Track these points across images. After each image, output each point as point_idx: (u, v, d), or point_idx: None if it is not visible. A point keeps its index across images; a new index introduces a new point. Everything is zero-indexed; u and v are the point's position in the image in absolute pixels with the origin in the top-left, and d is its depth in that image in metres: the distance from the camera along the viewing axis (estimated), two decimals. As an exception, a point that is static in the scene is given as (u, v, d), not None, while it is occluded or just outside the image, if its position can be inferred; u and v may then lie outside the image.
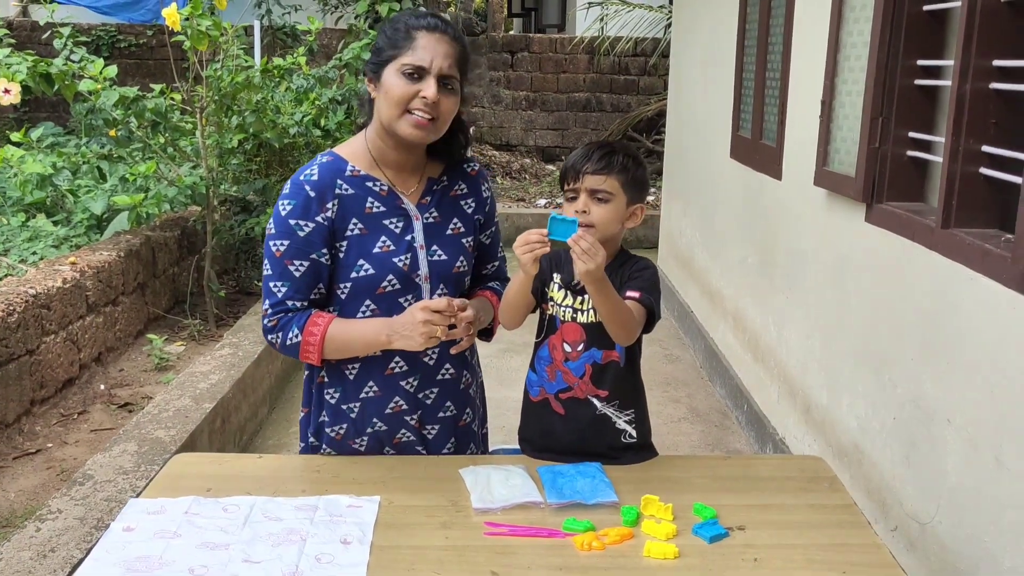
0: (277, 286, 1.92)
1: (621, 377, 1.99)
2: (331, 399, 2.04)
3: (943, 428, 2.40)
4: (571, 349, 1.98)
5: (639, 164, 1.97)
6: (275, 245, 1.92)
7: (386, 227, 1.97)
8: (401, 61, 1.86)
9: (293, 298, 1.92)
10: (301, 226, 1.91)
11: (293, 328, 1.91)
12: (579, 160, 1.94)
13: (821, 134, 3.25)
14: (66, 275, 4.13)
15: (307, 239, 1.91)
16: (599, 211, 1.92)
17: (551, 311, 2.02)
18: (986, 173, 2.33)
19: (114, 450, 3.22)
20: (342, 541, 1.67)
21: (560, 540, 1.69)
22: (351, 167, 1.97)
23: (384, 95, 1.89)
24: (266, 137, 5.28)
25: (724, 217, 4.92)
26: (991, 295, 2.18)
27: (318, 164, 1.96)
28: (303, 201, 1.91)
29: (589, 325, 1.96)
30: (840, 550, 1.65)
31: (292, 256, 1.91)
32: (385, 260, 1.95)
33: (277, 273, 1.93)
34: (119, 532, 1.71)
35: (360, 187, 1.96)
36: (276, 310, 1.93)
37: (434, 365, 2.05)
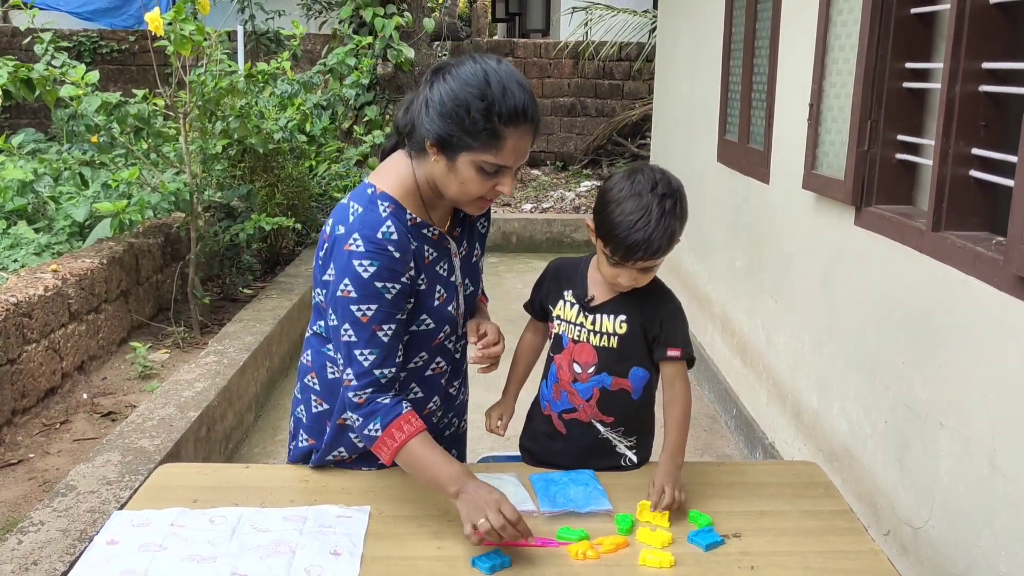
0: (364, 355, 1.73)
1: (631, 408, 1.95)
2: (358, 442, 1.92)
3: (936, 431, 2.39)
4: (581, 371, 1.94)
5: (684, 213, 1.82)
6: (359, 310, 1.72)
7: (439, 275, 1.85)
8: (483, 158, 1.67)
9: (382, 367, 1.74)
10: (389, 289, 1.73)
11: (377, 421, 1.73)
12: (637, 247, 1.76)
13: (809, 137, 3.24)
14: (48, 283, 4.08)
15: (395, 302, 1.74)
16: (645, 278, 1.86)
17: (557, 329, 1.98)
18: (976, 176, 2.33)
19: (97, 460, 3.17)
20: (332, 552, 1.64)
21: (554, 549, 1.66)
22: (409, 215, 1.79)
23: (457, 182, 1.72)
24: (250, 143, 5.24)
25: (711, 221, 4.92)
26: (983, 298, 2.17)
27: (388, 215, 1.74)
28: (388, 262, 1.72)
29: (603, 349, 1.92)
30: (837, 557, 1.64)
31: (381, 321, 1.73)
32: (443, 312, 1.87)
33: (364, 340, 1.73)
34: (103, 545, 1.67)
35: (419, 237, 1.80)
36: (364, 382, 1.74)
37: (455, 394, 2.04)
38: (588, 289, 1.94)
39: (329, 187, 6.85)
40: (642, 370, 1.93)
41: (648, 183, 1.80)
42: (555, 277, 2.01)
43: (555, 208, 9.40)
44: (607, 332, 1.91)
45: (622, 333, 1.91)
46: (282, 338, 4.98)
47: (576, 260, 2.02)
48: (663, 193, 1.79)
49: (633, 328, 1.91)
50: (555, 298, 1.99)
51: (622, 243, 1.78)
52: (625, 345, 1.91)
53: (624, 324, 1.90)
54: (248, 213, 5.57)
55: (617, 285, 1.87)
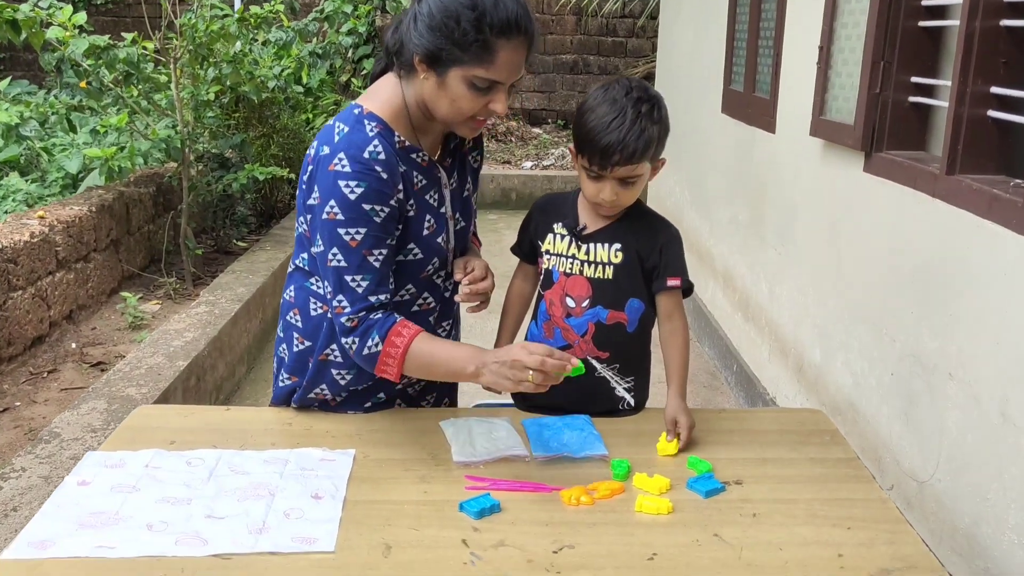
0: (356, 280, 1.65)
1: (627, 342, 1.86)
2: (340, 379, 1.85)
3: (944, 383, 2.31)
4: (575, 304, 1.85)
5: (663, 120, 1.75)
6: (347, 234, 1.64)
7: (428, 203, 1.76)
8: (473, 72, 1.59)
9: (376, 292, 1.66)
10: (377, 211, 1.64)
11: (374, 335, 1.64)
12: (611, 148, 1.70)
13: (818, 82, 3.12)
14: (34, 229, 3.98)
15: (384, 225, 1.66)
16: (627, 194, 1.77)
17: (547, 264, 1.89)
18: (994, 116, 2.22)
19: (82, 408, 3.10)
20: (313, 496, 1.57)
21: (546, 495, 1.59)
22: (397, 137, 1.71)
23: (448, 99, 1.64)
24: (244, 90, 5.11)
25: (715, 174, 4.81)
26: (999, 242, 2.07)
27: (372, 134, 1.66)
28: (376, 183, 1.64)
29: (597, 281, 1.83)
30: (843, 505, 1.56)
31: (371, 246, 1.65)
32: (432, 243, 1.77)
33: (355, 265, 1.65)
34: (73, 486, 1.59)
35: (408, 161, 1.72)
36: (358, 308, 1.65)
37: (446, 335, 1.95)
38: (579, 218, 1.85)
39: (326, 140, 6.71)
40: (638, 301, 1.84)
41: (623, 89, 1.74)
42: (543, 211, 1.91)
43: (556, 166, 9.28)
44: (601, 262, 1.82)
45: (617, 262, 1.82)
46: (276, 289, 4.88)
47: (564, 194, 1.93)
48: (638, 97, 1.73)
49: (629, 257, 1.82)
50: (544, 232, 1.89)
51: (597, 147, 1.72)
52: (620, 276, 1.82)
53: (619, 253, 1.82)
54: (242, 163, 5.46)
55: (599, 206, 1.79)
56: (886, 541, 1.45)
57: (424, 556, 1.40)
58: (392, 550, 1.42)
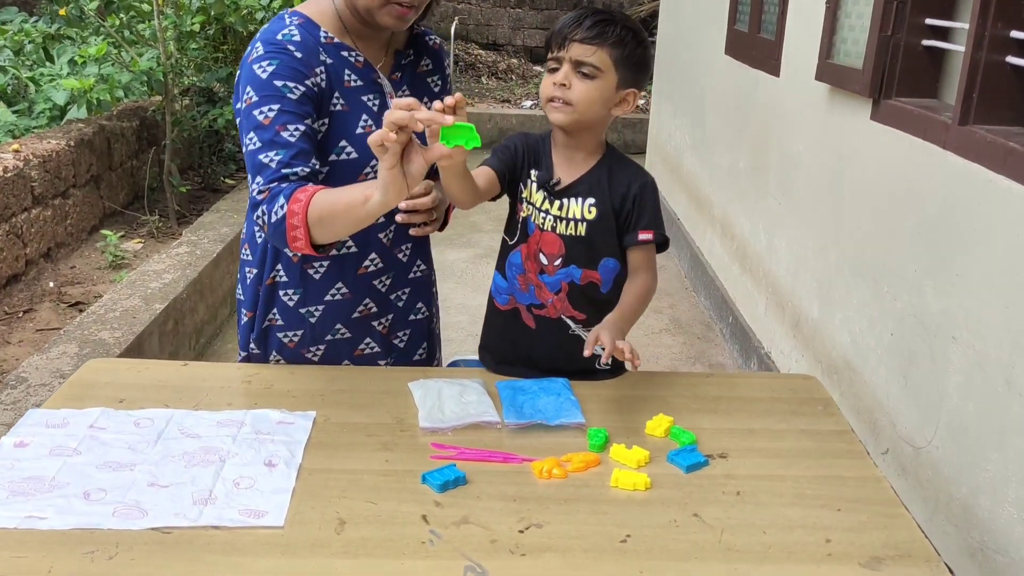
0: (269, 156, 1.54)
1: (602, 302, 1.73)
2: (288, 301, 1.77)
3: (947, 345, 2.19)
4: (547, 262, 1.72)
5: (640, 42, 1.65)
6: (261, 113, 1.55)
7: (365, 104, 1.69)
8: None
9: (290, 164, 1.54)
10: (291, 88, 1.57)
11: (279, 198, 1.52)
12: (568, 24, 1.63)
13: (827, 22, 2.95)
14: (8, 163, 3.83)
15: (299, 102, 1.58)
16: (581, 88, 1.62)
17: (525, 213, 1.75)
18: (1013, 62, 2.07)
19: (52, 352, 3.00)
20: (266, 463, 1.46)
21: (516, 466, 1.48)
22: (324, 32, 1.65)
23: None
24: (229, 21, 4.91)
25: (716, 119, 4.64)
26: (1012, 198, 1.94)
27: (294, 24, 1.63)
28: (289, 61, 1.58)
29: (570, 238, 1.70)
30: (834, 483, 1.45)
31: (285, 122, 1.56)
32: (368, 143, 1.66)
33: (267, 141, 1.55)
34: (9, 448, 1.48)
35: (337, 57, 1.66)
36: (270, 178, 1.54)
37: (407, 262, 1.84)
38: (554, 171, 1.71)
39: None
40: (613, 260, 1.72)
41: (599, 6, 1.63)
42: (522, 148, 1.76)
43: (556, 105, 9.05)
44: (574, 218, 1.69)
45: (591, 219, 1.68)
46: (261, 230, 4.75)
47: (539, 136, 1.77)
48: (618, 12, 1.70)
49: (603, 211, 1.68)
50: (524, 176, 1.75)
51: (555, 27, 1.66)
52: (594, 233, 1.69)
53: (593, 208, 1.68)
54: (228, 98, 5.27)
55: (551, 103, 1.64)
56: (878, 525, 1.34)
57: (379, 533, 1.30)
58: (346, 526, 1.31)
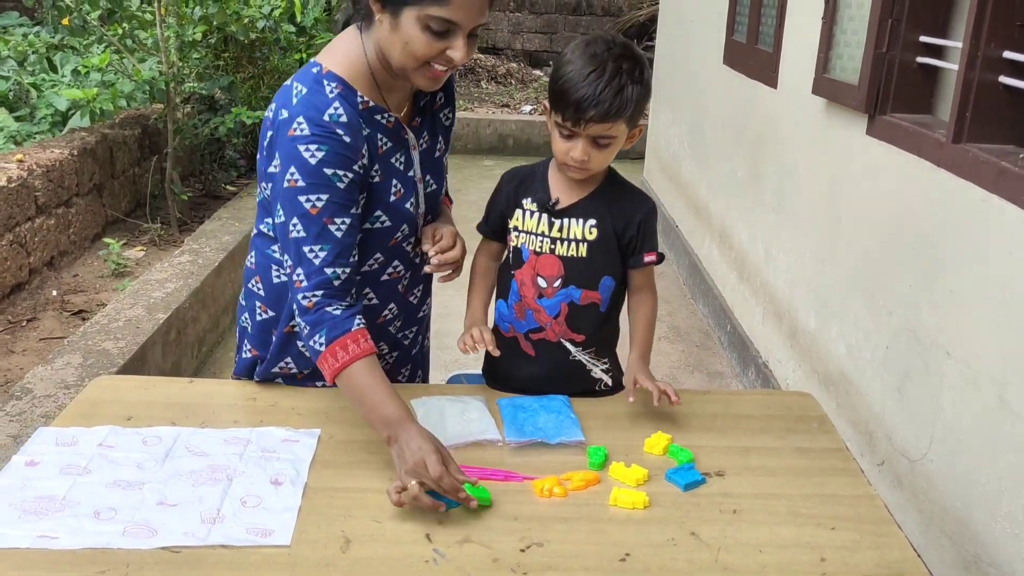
0: (314, 251, 1.54)
1: (601, 322, 1.77)
2: (305, 351, 1.74)
3: (941, 360, 2.22)
4: (546, 285, 1.75)
5: (645, 82, 1.64)
6: (308, 201, 1.53)
7: (395, 167, 1.67)
8: (428, 11, 1.47)
9: (334, 265, 1.55)
10: (340, 176, 1.54)
11: (323, 333, 1.53)
12: (584, 101, 1.58)
13: (823, 37, 2.99)
14: (12, 173, 3.86)
15: (347, 192, 1.56)
16: (600, 156, 1.65)
17: (515, 242, 1.78)
18: (1006, 82, 2.10)
19: (57, 362, 3.03)
20: (272, 482, 1.49)
21: (517, 484, 1.51)
22: (360, 98, 1.60)
23: (400, 42, 1.52)
24: (231, 30, 4.94)
25: (714, 128, 4.67)
26: (1005, 218, 1.97)
27: (336, 96, 1.56)
28: (338, 147, 1.54)
29: (569, 259, 1.73)
30: (828, 502, 1.48)
31: (333, 213, 1.54)
32: (400, 209, 1.68)
33: (313, 235, 1.54)
34: (20, 467, 1.52)
35: (372, 123, 1.62)
36: (314, 283, 1.54)
37: (416, 304, 1.86)
38: (551, 192, 1.74)
39: (319, 81, 6.54)
40: (611, 279, 1.75)
41: (604, 46, 1.63)
42: (511, 186, 1.79)
43: (555, 110, 9.08)
44: (575, 239, 1.72)
45: (592, 239, 1.71)
46: (263, 238, 4.78)
47: (531, 166, 1.81)
48: (620, 54, 1.62)
49: (604, 233, 1.71)
50: (512, 208, 1.78)
51: (570, 99, 1.59)
52: (594, 253, 1.72)
53: (594, 229, 1.71)
54: (230, 106, 5.31)
55: (568, 167, 1.67)
56: (872, 544, 1.37)
57: (384, 552, 1.33)
58: (351, 544, 1.35)
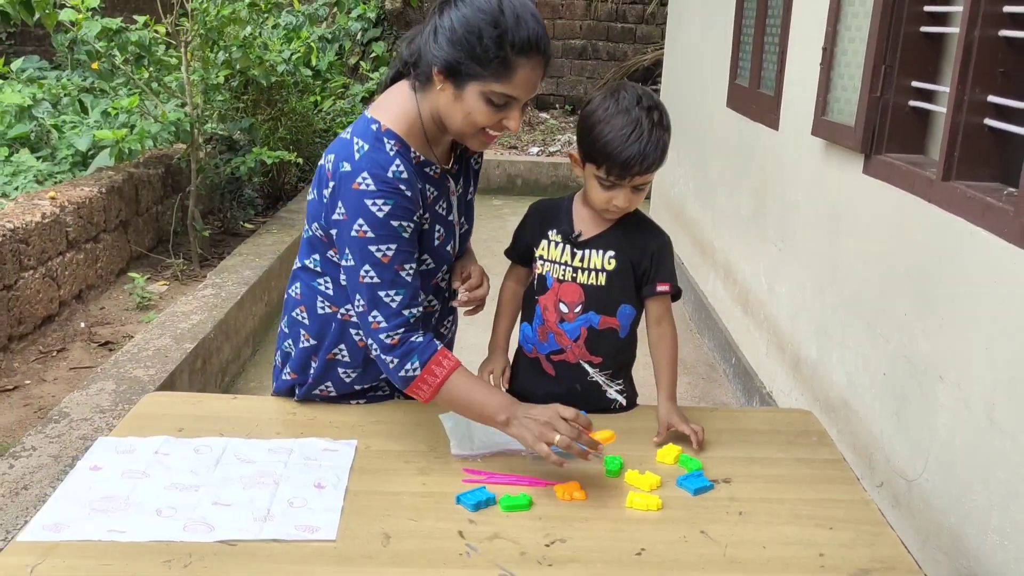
0: (390, 295, 1.69)
1: (619, 347, 1.92)
2: (346, 377, 1.92)
3: (935, 385, 2.36)
4: (568, 310, 1.90)
5: (669, 126, 1.81)
6: (379, 251, 1.68)
7: (438, 214, 1.82)
8: (491, 87, 1.62)
9: (410, 306, 1.71)
10: (405, 227, 1.70)
11: (414, 359, 1.69)
12: (632, 160, 1.74)
13: (821, 82, 3.16)
14: (45, 210, 4.04)
15: (411, 240, 1.72)
16: (637, 199, 1.83)
17: (540, 270, 1.94)
18: (991, 124, 2.26)
19: (91, 388, 3.17)
20: (316, 485, 1.63)
21: (541, 489, 1.64)
22: (414, 153, 1.75)
23: (463, 112, 1.67)
24: (253, 74, 5.15)
25: (718, 167, 4.84)
26: (991, 250, 2.12)
27: (396, 154, 1.70)
28: (401, 200, 1.68)
29: (590, 287, 1.88)
30: (827, 505, 1.61)
31: (403, 261, 1.70)
32: (443, 252, 1.85)
33: (388, 281, 1.69)
34: (85, 471, 1.65)
35: (422, 175, 1.77)
36: (396, 323, 1.69)
37: (446, 333, 2.02)
38: (575, 225, 1.90)
39: (334, 123, 6.76)
40: (629, 307, 1.90)
41: (633, 99, 1.77)
42: (538, 217, 1.96)
43: (562, 152, 9.30)
44: (595, 269, 1.87)
45: (611, 269, 1.87)
46: (282, 273, 4.94)
47: (558, 200, 1.98)
48: (649, 106, 1.77)
49: (622, 264, 1.87)
50: (538, 238, 1.94)
51: (617, 159, 1.75)
52: (613, 282, 1.87)
53: (613, 260, 1.87)
54: (250, 146, 5.50)
55: (609, 211, 1.83)
56: (866, 543, 1.50)
57: (422, 546, 1.46)
58: (391, 540, 1.48)
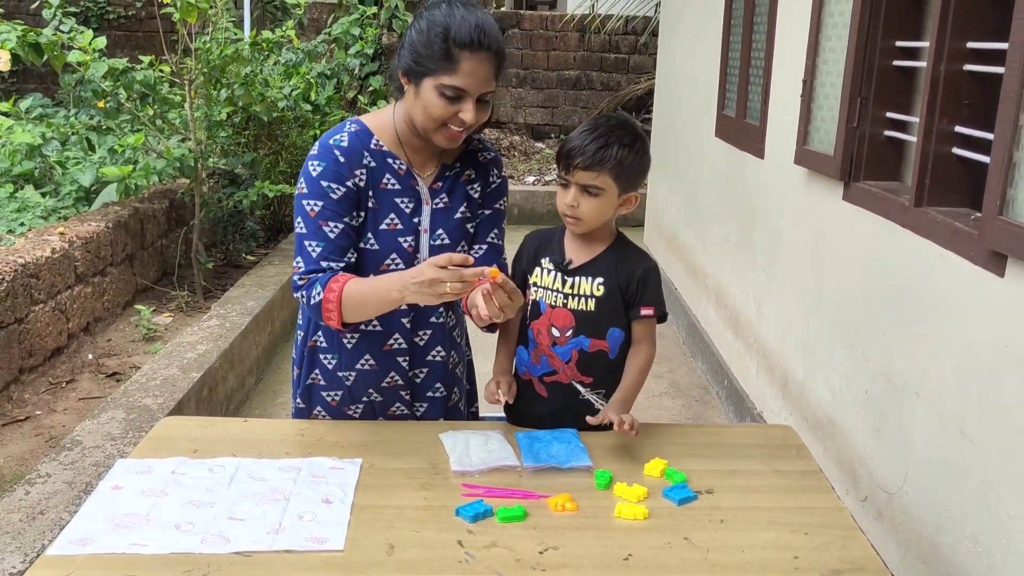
0: (312, 245, 1.92)
1: (609, 368, 2.02)
2: (328, 363, 2.08)
3: (911, 401, 2.47)
4: (559, 335, 2.01)
5: (637, 152, 1.92)
6: (308, 205, 1.93)
7: (396, 205, 1.99)
8: (442, 81, 1.83)
9: (328, 258, 1.92)
10: (333, 188, 1.92)
11: (316, 286, 1.89)
12: (574, 150, 1.91)
13: (802, 113, 3.29)
14: (55, 245, 4.16)
15: (339, 202, 1.93)
16: (588, 205, 1.94)
17: (534, 296, 2.05)
18: (958, 153, 2.39)
19: (102, 417, 3.27)
20: (324, 500, 1.73)
21: (535, 501, 1.75)
22: (376, 140, 1.98)
23: (421, 107, 1.87)
24: (255, 110, 5.30)
25: (708, 195, 4.98)
26: (959, 272, 2.24)
27: (347, 132, 1.97)
28: (333, 164, 1.93)
29: (580, 312, 2.00)
30: (803, 512, 1.72)
31: (327, 218, 1.92)
32: (390, 238, 1.99)
33: (312, 232, 1.93)
34: (107, 491, 1.76)
35: (381, 162, 1.98)
36: (310, 268, 1.92)
37: (424, 346, 2.10)
38: (565, 253, 2.02)
39: (333, 156, 6.88)
40: (618, 330, 2.01)
41: (606, 118, 1.96)
42: (532, 246, 2.08)
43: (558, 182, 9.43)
44: (584, 295, 1.98)
45: (599, 295, 1.98)
46: (283, 303, 5.06)
47: (551, 229, 2.10)
48: (617, 123, 1.94)
49: (610, 289, 1.98)
50: (532, 266, 2.06)
51: (564, 149, 1.94)
52: (601, 307, 1.98)
53: (601, 287, 1.98)
54: (252, 180, 5.64)
55: (566, 216, 1.97)
56: (839, 546, 1.61)
57: (424, 555, 1.57)
58: (395, 549, 1.58)
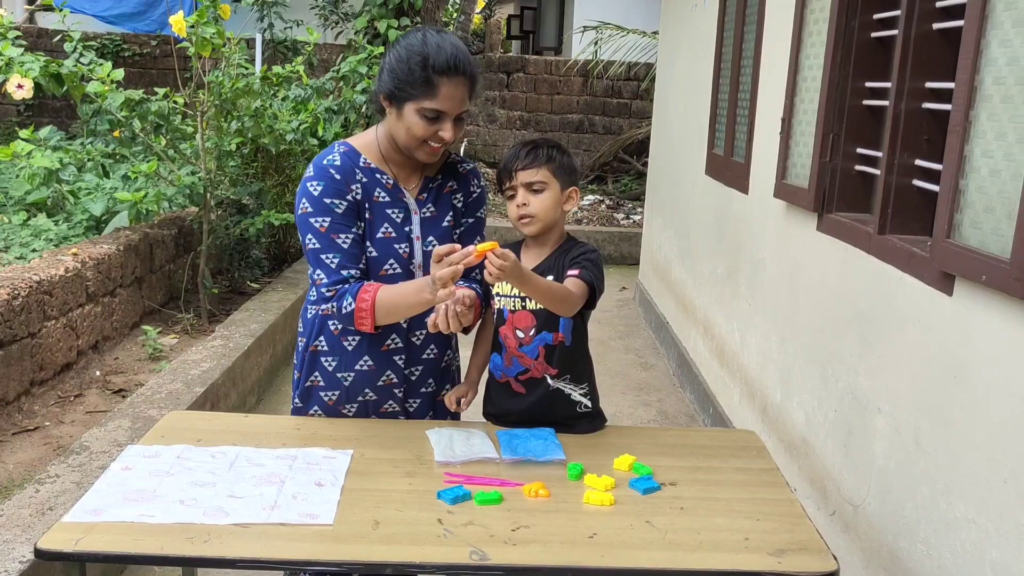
0: (329, 258, 2.09)
1: (567, 355, 2.18)
2: (328, 366, 2.23)
3: (874, 416, 2.62)
4: (524, 335, 2.17)
5: (564, 152, 2.19)
6: (317, 222, 2.09)
7: (388, 215, 2.18)
8: (423, 105, 2.02)
9: (347, 267, 2.09)
10: (336, 204, 2.10)
11: (347, 297, 2.06)
12: (510, 160, 2.16)
13: (781, 149, 3.48)
14: (68, 264, 4.34)
15: (344, 215, 2.11)
16: (537, 201, 2.15)
17: (498, 304, 2.22)
18: (918, 184, 2.57)
19: (109, 425, 3.42)
20: (316, 484, 1.88)
21: (511, 488, 1.90)
22: (364, 159, 2.17)
23: (404, 127, 2.06)
24: (263, 142, 5.50)
25: (698, 231, 5.16)
26: (914, 292, 2.40)
27: (338, 152, 2.15)
28: (331, 182, 2.10)
29: (539, 311, 2.16)
30: (757, 503, 1.87)
31: (337, 231, 2.09)
32: (387, 245, 2.17)
33: (326, 245, 2.09)
34: (118, 471, 1.91)
35: (371, 178, 2.17)
36: (333, 279, 2.08)
37: (420, 345, 2.27)
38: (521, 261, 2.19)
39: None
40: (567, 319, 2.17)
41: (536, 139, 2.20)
42: None
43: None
44: None
45: None
46: (286, 328, 5.22)
47: (512, 244, 2.28)
48: (544, 140, 2.20)
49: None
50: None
51: (502, 166, 2.18)
52: None
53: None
54: (258, 210, 5.83)
55: (521, 218, 2.15)
56: (787, 530, 1.75)
57: (406, 530, 1.71)
58: (380, 525, 1.73)
